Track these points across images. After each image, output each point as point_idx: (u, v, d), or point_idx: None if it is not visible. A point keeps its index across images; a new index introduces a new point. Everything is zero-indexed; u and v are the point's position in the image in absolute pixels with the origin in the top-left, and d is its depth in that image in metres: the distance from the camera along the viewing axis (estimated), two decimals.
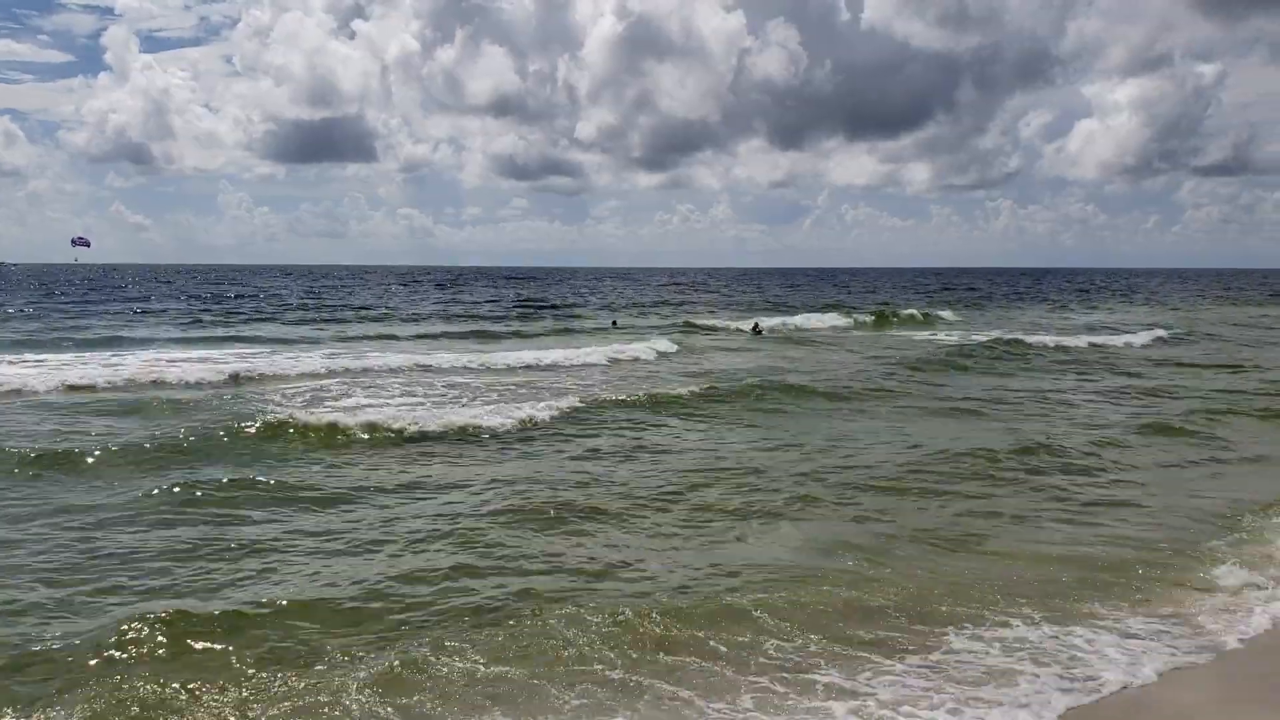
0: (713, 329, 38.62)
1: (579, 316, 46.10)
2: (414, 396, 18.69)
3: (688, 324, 39.40)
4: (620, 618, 7.20)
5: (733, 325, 39.10)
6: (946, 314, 49.13)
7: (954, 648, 7.03)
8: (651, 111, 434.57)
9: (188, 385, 20.14)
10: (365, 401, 17.81)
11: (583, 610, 7.42)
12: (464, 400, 18.37)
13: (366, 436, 14.55)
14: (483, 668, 6.49)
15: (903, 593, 8.01)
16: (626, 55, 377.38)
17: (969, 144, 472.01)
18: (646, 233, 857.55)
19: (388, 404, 17.54)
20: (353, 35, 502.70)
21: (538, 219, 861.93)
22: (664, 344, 29.77)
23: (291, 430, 14.57)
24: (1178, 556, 9.11)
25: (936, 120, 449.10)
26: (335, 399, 18.11)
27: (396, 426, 14.99)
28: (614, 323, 39.63)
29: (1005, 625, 7.43)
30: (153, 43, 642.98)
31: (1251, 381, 22.48)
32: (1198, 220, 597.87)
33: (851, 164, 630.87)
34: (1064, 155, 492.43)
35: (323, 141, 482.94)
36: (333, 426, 14.81)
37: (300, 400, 17.81)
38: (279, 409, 16.33)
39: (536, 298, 64.12)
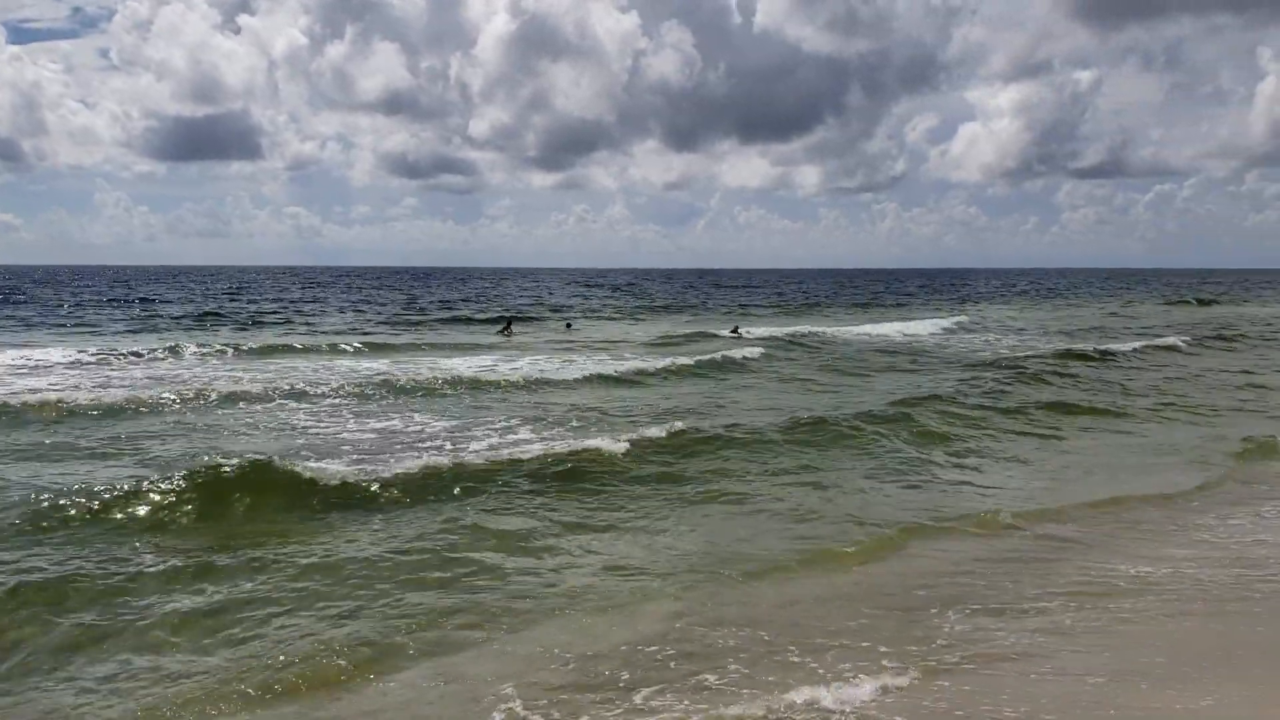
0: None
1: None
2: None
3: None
4: None
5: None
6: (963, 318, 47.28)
7: None
8: (546, 111, 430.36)
9: None
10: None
11: None
12: None
13: None
14: None
15: None
16: (520, 54, 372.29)
17: (857, 147, 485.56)
18: (541, 233, 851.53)
19: None
20: (238, 30, 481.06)
21: (429, 218, 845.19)
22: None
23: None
24: None
25: (826, 124, 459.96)
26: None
27: None
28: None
29: None
30: (21, 34, 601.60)
31: None
32: (1075, 222, 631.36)
33: (744, 166, 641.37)
34: (948, 158, 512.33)
35: (205, 139, 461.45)
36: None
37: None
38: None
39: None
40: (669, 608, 7.41)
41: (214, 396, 17.55)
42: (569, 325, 40.10)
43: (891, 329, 38.73)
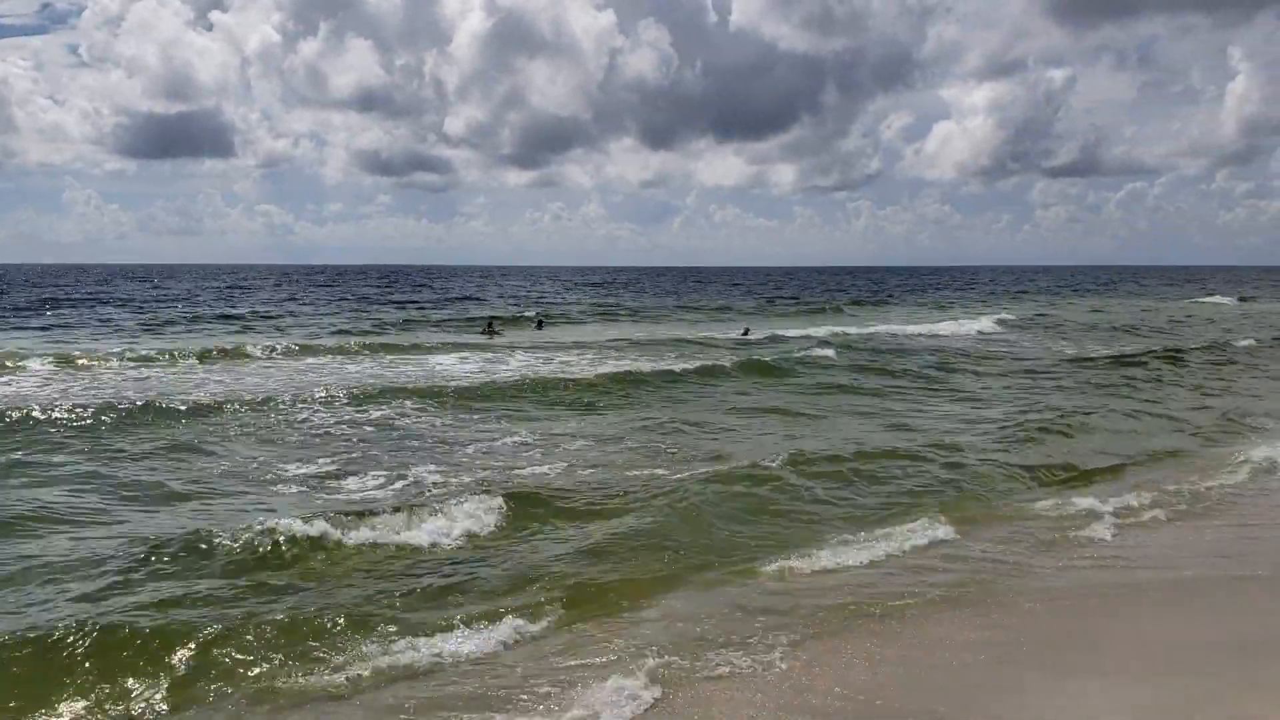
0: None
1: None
2: None
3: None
4: None
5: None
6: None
7: None
8: (522, 108, 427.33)
9: None
10: None
11: None
12: None
13: None
14: None
15: None
16: (496, 51, 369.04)
17: (832, 146, 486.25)
18: (516, 231, 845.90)
19: None
20: (210, 26, 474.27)
21: (403, 216, 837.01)
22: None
23: None
24: None
25: (801, 122, 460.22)
26: None
27: None
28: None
29: None
30: None
31: None
32: (1047, 220, 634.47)
33: (720, 165, 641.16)
34: (922, 157, 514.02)
35: (177, 136, 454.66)
36: None
37: None
38: None
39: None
40: None
41: (327, 401, 16.60)
42: (539, 324, 38.73)
43: (939, 328, 36.69)
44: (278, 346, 26.22)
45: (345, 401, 16.70)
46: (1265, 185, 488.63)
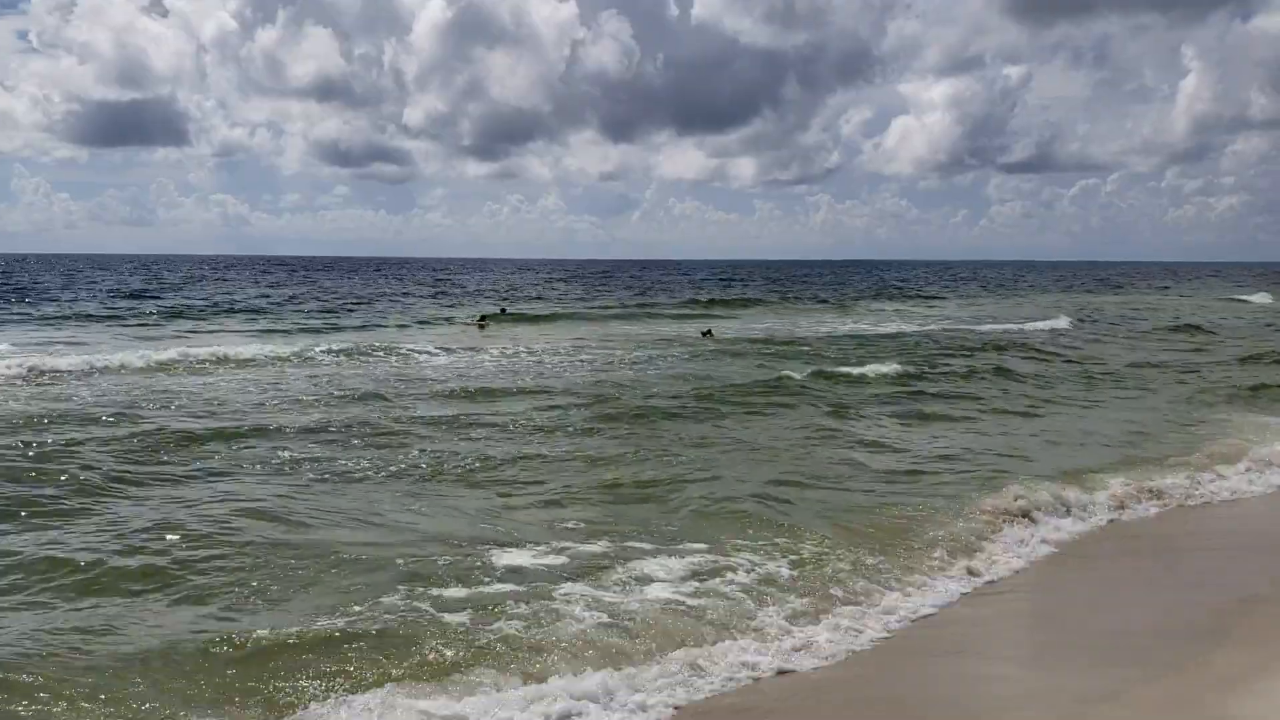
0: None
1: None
2: None
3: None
4: None
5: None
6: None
7: None
8: (482, 99, 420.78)
9: None
10: None
11: None
12: None
13: None
14: None
15: None
16: (456, 41, 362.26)
17: (792, 140, 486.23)
18: (475, 223, 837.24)
19: None
20: (165, 13, 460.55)
21: (361, 207, 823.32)
22: None
23: None
24: None
25: (763, 116, 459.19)
26: None
27: None
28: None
29: None
30: None
31: None
32: (1002, 215, 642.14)
33: (680, 158, 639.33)
34: (881, 152, 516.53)
35: (130, 124, 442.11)
36: None
37: None
38: None
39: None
40: None
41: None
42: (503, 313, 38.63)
43: (1025, 327, 34.73)
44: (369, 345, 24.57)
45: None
46: (1214, 183, 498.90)
